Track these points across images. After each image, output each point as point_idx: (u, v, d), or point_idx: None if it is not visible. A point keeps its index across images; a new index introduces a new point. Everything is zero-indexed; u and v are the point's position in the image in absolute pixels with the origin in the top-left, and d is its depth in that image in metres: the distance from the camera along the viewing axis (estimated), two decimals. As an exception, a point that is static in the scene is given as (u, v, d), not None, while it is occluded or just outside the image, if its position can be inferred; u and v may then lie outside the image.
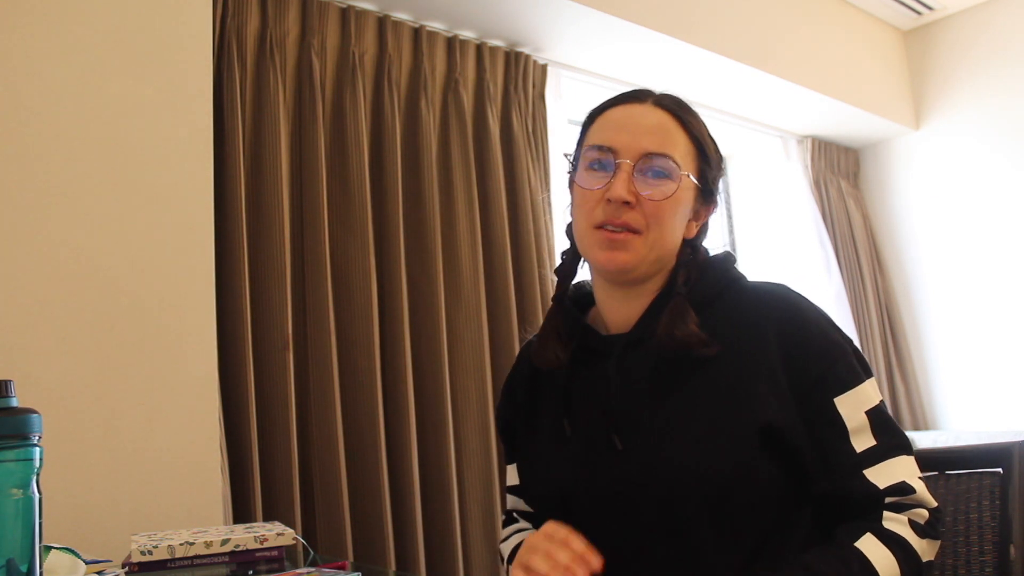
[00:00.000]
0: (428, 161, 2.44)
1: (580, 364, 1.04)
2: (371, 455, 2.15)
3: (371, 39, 2.44)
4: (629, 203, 0.97)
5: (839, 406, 0.91)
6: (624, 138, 0.99)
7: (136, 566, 1.17)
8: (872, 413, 0.91)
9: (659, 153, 0.98)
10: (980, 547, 1.08)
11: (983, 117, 3.86)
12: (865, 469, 0.89)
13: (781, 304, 0.97)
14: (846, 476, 0.90)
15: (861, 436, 0.91)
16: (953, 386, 3.93)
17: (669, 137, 1.00)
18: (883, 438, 0.91)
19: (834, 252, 3.85)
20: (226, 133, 2.05)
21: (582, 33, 2.76)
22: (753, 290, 1.00)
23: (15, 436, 0.74)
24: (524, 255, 2.60)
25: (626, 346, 1.01)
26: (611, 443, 0.97)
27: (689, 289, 0.99)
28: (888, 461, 0.90)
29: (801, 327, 0.95)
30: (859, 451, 0.90)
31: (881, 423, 0.92)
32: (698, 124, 1.05)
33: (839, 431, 0.91)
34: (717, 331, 0.95)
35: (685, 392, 0.94)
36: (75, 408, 1.57)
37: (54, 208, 1.61)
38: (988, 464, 1.12)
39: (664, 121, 1.01)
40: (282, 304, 2.07)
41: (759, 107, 3.63)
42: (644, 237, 0.98)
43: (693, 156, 1.02)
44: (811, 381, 0.92)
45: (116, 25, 1.73)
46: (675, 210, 0.99)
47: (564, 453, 1.02)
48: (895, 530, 0.87)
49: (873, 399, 0.93)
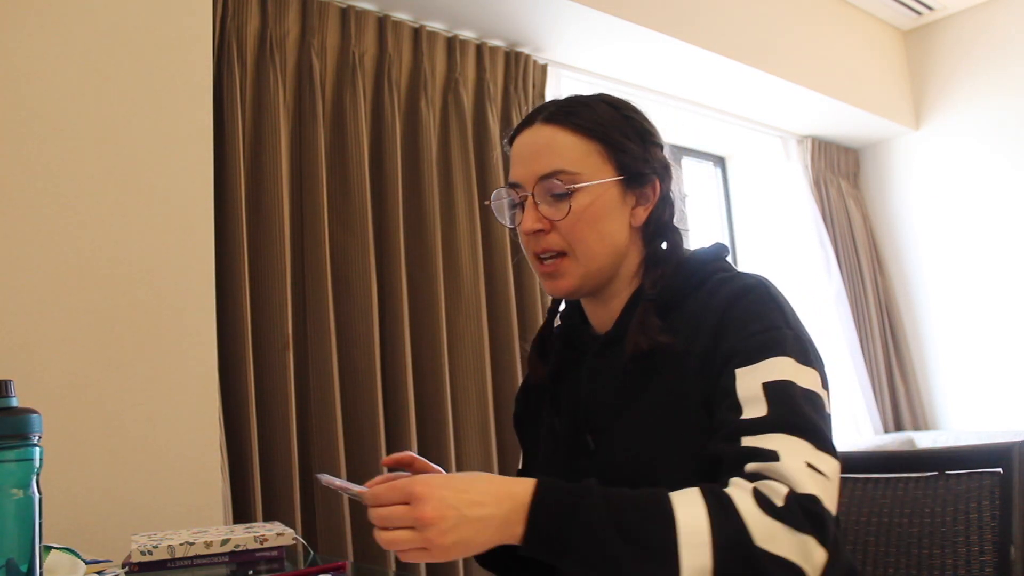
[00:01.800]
0: (428, 161, 2.44)
1: (567, 363, 1.07)
2: (371, 455, 2.15)
3: (371, 39, 2.44)
4: (543, 230, 0.98)
5: (738, 376, 0.85)
6: (520, 169, 1.01)
7: (136, 566, 1.17)
8: (771, 385, 0.83)
9: (549, 173, 0.97)
10: (980, 547, 1.08)
11: (983, 117, 3.86)
12: (744, 436, 0.81)
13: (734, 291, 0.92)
14: (721, 439, 0.83)
15: (752, 406, 0.83)
16: (953, 386, 3.93)
17: (555, 151, 0.98)
18: (778, 411, 0.81)
19: (834, 252, 3.85)
20: (226, 133, 2.05)
21: (582, 33, 2.76)
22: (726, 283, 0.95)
23: (15, 436, 0.74)
24: (524, 255, 2.59)
25: (603, 346, 1.02)
26: (585, 443, 0.99)
27: (661, 289, 0.97)
28: (776, 435, 0.80)
29: (738, 306, 0.90)
30: (743, 418, 0.82)
31: (781, 398, 0.82)
32: (595, 119, 0.99)
33: (731, 400, 0.84)
34: (681, 331, 0.93)
35: (649, 392, 0.94)
36: (75, 408, 1.57)
37: (54, 208, 1.61)
38: (988, 464, 1.11)
39: (550, 136, 0.99)
40: (282, 304, 2.07)
41: (759, 107, 3.63)
42: (572, 257, 0.98)
43: (599, 153, 0.98)
44: (725, 355, 0.88)
45: (116, 25, 1.73)
46: (594, 219, 0.97)
47: (555, 452, 1.05)
48: (730, 493, 0.76)
49: (779, 374, 0.84)
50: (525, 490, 0.78)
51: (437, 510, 0.75)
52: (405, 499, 0.76)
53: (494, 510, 0.76)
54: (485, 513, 0.76)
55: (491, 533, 0.76)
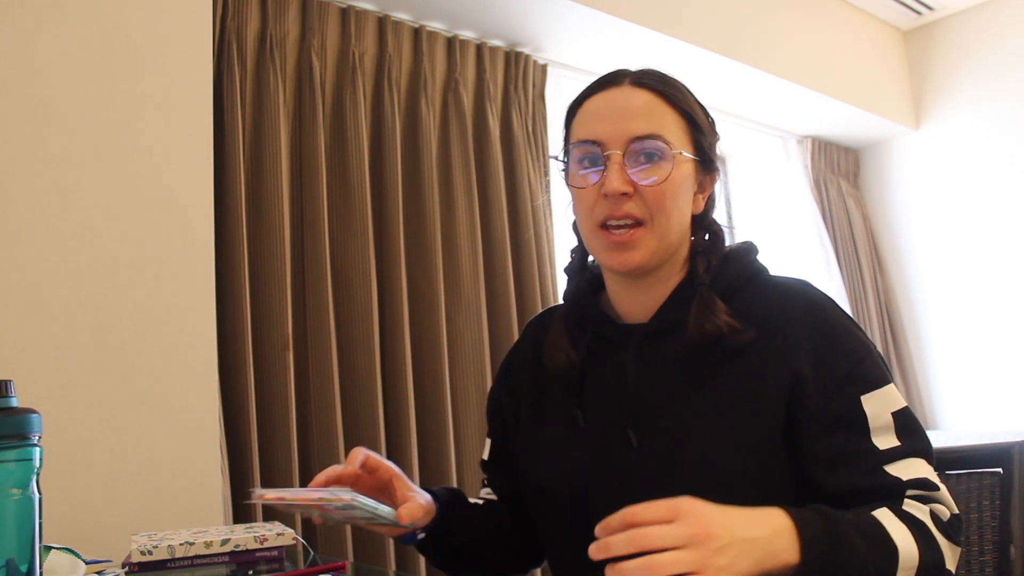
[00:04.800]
0: (428, 161, 2.44)
1: (595, 353, 1.01)
2: (371, 455, 2.15)
3: (371, 39, 2.44)
4: (627, 194, 0.92)
5: (865, 404, 0.87)
6: (607, 127, 0.94)
7: (136, 566, 1.17)
8: (898, 415, 0.88)
9: (647, 135, 0.93)
10: (980, 547, 1.08)
11: (983, 117, 3.86)
12: (886, 465, 0.85)
13: (808, 301, 0.94)
14: (867, 473, 0.85)
15: (884, 435, 0.86)
16: (953, 386, 3.92)
17: (654, 116, 0.94)
18: (907, 440, 0.87)
19: (834, 252, 3.85)
20: (226, 133, 2.05)
21: (582, 33, 2.76)
22: (777, 284, 0.97)
23: (15, 436, 0.74)
24: (524, 255, 2.60)
25: (645, 337, 0.98)
26: (626, 438, 0.94)
27: (712, 278, 0.96)
28: (911, 460, 0.86)
29: (829, 325, 0.92)
30: (881, 449, 0.86)
31: (907, 426, 0.88)
32: (683, 95, 0.98)
33: (861, 428, 0.86)
34: (743, 322, 0.92)
35: (707, 389, 0.92)
36: (75, 408, 1.56)
37: (54, 208, 1.61)
38: (988, 464, 1.12)
39: (647, 100, 0.95)
40: (282, 304, 2.07)
41: (759, 107, 3.63)
42: (650, 227, 0.93)
43: (684, 129, 0.96)
44: (838, 379, 0.88)
45: (116, 25, 1.73)
46: (676, 192, 0.94)
47: (576, 444, 0.99)
48: (916, 514, 0.81)
49: (900, 402, 0.89)
50: (779, 513, 0.76)
51: (712, 527, 0.69)
52: (670, 517, 0.69)
53: (759, 533, 0.72)
54: (752, 536, 0.71)
55: (757, 556, 0.71)
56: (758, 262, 1.01)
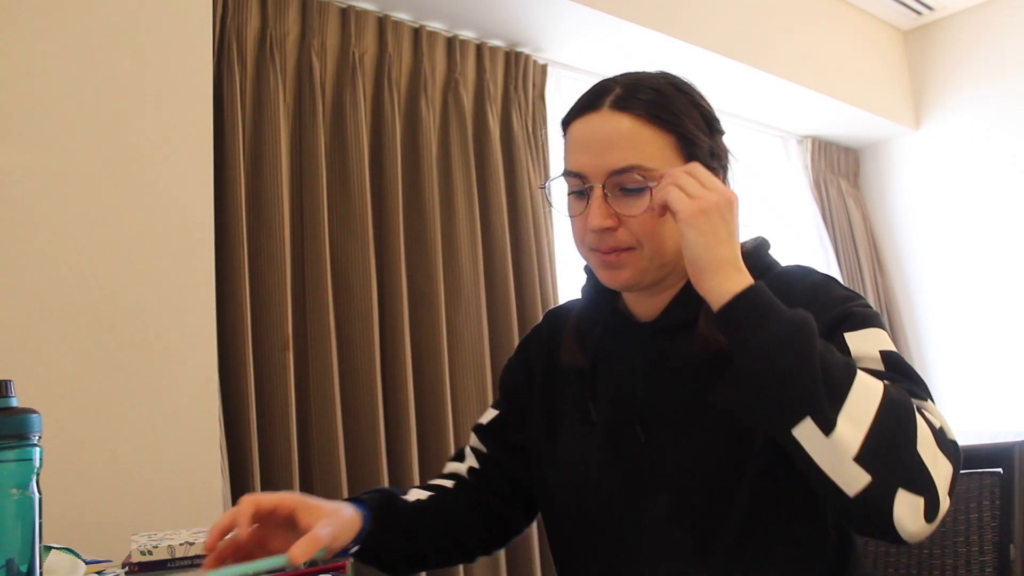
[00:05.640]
0: (428, 161, 2.43)
1: (607, 348, 1.02)
2: (371, 455, 2.15)
3: (371, 39, 2.43)
4: (611, 228, 0.92)
5: (849, 340, 0.86)
6: (587, 159, 0.93)
7: (136, 566, 1.17)
8: (888, 354, 0.86)
9: (625, 168, 0.91)
10: (980, 547, 1.08)
11: (983, 117, 3.86)
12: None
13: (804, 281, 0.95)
14: None
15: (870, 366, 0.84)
16: (953, 386, 3.92)
17: (635, 145, 0.92)
18: (896, 377, 0.84)
19: (834, 252, 3.85)
20: (226, 133, 2.05)
21: (582, 33, 2.76)
22: (782, 276, 0.97)
23: (15, 436, 0.74)
24: (524, 255, 2.60)
25: (654, 334, 0.99)
26: (634, 432, 0.95)
27: None
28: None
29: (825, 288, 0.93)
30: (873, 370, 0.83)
31: (897, 365, 0.85)
32: (672, 108, 0.94)
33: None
34: None
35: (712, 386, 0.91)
36: (75, 408, 1.56)
37: (54, 208, 1.61)
38: (988, 464, 1.12)
39: (626, 127, 0.92)
40: (282, 304, 2.07)
41: (759, 107, 3.63)
42: (640, 251, 0.93)
43: (674, 147, 0.93)
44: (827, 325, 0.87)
45: (116, 25, 1.73)
46: (664, 218, 0.92)
47: (589, 438, 1.00)
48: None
49: (890, 345, 0.87)
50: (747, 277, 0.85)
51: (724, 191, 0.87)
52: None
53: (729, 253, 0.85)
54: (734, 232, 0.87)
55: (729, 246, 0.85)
56: (768, 258, 1.02)
